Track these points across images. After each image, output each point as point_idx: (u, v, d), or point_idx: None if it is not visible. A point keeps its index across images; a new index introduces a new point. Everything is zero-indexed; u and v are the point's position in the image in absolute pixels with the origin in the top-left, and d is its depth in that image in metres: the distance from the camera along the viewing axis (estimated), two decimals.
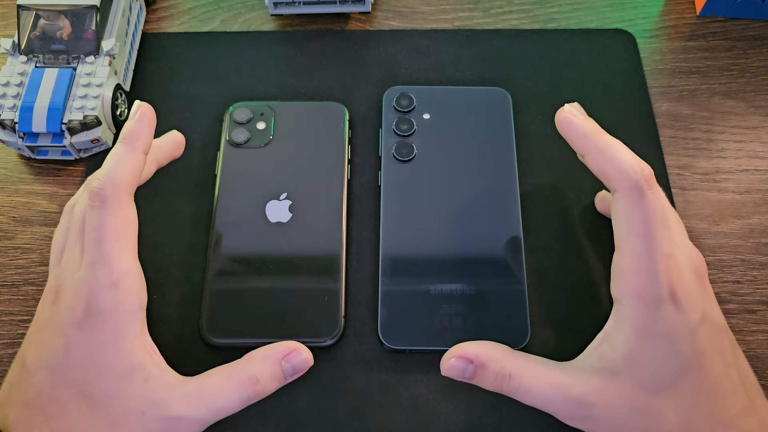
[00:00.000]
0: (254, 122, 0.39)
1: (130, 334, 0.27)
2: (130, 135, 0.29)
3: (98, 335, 0.27)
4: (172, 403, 0.27)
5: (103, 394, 0.26)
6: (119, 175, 0.28)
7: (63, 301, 0.27)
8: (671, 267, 0.27)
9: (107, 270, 0.27)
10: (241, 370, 0.29)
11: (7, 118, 0.36)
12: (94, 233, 0.27)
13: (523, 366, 0.28)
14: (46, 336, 0.27)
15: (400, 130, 0.38)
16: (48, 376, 0.27)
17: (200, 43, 0.44)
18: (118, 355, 0.27)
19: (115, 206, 0.28)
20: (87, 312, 0.27)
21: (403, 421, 0.32)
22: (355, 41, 0.44)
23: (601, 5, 0.45)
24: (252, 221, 0.36)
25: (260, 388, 0.28)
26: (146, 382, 0.27)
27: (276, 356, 0.29)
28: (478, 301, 0.33)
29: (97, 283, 0.27)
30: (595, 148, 0.29)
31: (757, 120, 0.41)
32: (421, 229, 0.35)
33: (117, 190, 0.28)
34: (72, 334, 0.27)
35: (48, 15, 0.38)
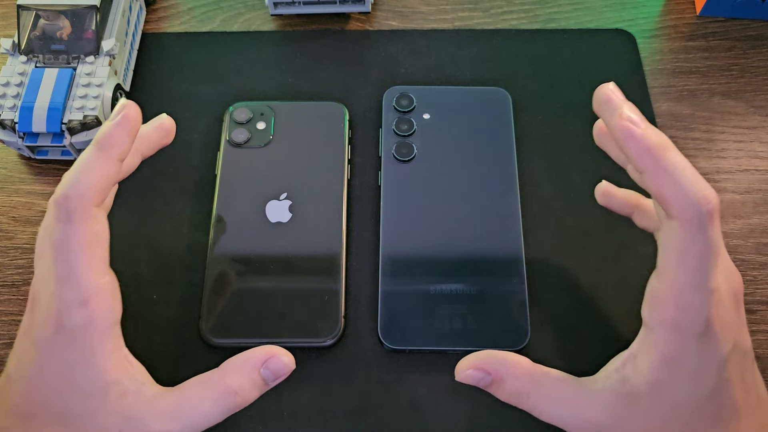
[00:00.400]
0: (254, 122, 0.39)
1: (103, 352, 0.26)
2: (106, 139, 0.26)
3: (69, 354, 0.26)
4: (149, 419, 0.26)
5: (78, 413, 0.26)
6: (86, 186, 0.26)
7: (37, 313, 0.26)
8: (713, 302, 0.25)
9: (75, 288, 0.25)
10: (219, 381, 0.27)
11: (7, 118, 0.36)
12: (59, 247, 0.25)
13: (543, 386, 0.27)
14: (23, 347, 0.26)
15: (400, 130, 0.38)
16: (25, 390, 0.26)
17: (200, 43, 0.44)
18: (90, 373, 0.26)
19: (81, 220, 0.26)
20: (57, 329, 0.25)
21: (403, 421, 0.32)
22: (355, 41, 0.44)
23: (601, 5, 0.45)
24: (252, 221, 0.36)
25: (240, 400, 0.27)
26: (122, 399, 0.26)
27: (254, 363, 0.28)
28: (478, 301, 0.33)
29: (66, 301, 0.25)
30: (659, 167, 0.24)
31: (757, 120, 0.41)
32: (421, 229, 0.35)
33: (83, 203, 0.26)
34: (44, 351, 0.26)
35: (48, 15, 0.38)
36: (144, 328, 0.34)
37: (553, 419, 0.27)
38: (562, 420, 0.27)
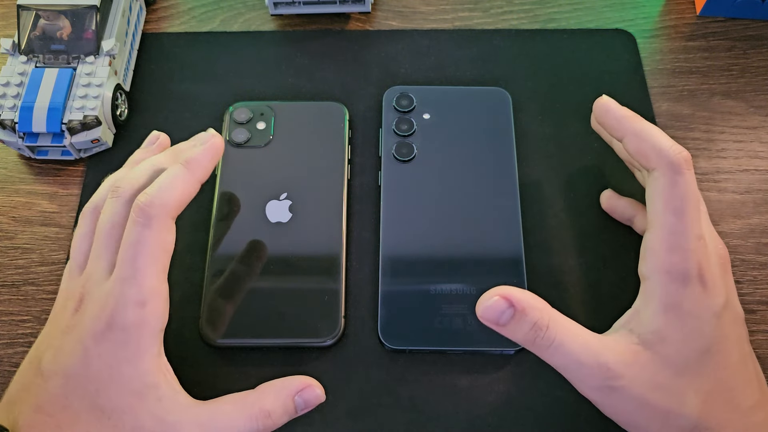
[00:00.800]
0: (254, 122, 0.39)
1: (149, 354, 0.27)
2: (195, 161, 0.29)
3: (118, 350, 0.27)
4: (183, 425, 0.27)
5: (116, 408, 0.26)
6: (171, 197, 0.28)
7: (87, 311, 0.27)
8: (701, 248, 0.27)
9: (137, 288, 0.27)
10: (255, 402, 0.28)
11: (7, 118, 0.36)
12: (131, 249, 0.27)
13: (561, 321, 0.27)
14: (66, 343, 0.27)
15: (400, 130, 0.38)
16: (63, 384, 0.26)
17: (200, 43, 0.44)
18: (135, 372, 0.27)
19: (159, 227, 0.27)
20: (109, 325, 0.26)
21: (403, 421, 0.32)
22: (355, 41, 0.44)
23: (601, 5, 0.45)
24: (252, 221, 0.36)
25: (271, 423, 0.28)
26: (159, 402, 0.27)
27: (290, 391, 0.29)
28: None
29: (125, 298, 0.27)
30: (633, 129, 0.30)
31: (757, 120, 0.41)
32: (421, 229, 0.35)
33: (164, 211, 0.28)
34: (92, 346, 0.27)
35: (48, 15, 0.38)
36: None
37: (566, 359, 0.27)
38: (577, 359, 0.27)
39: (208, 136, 0.30)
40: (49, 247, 0.37)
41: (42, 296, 0.35)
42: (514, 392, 0.32)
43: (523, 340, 0.27)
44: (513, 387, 0.32)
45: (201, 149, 0.30)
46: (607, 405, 0.27)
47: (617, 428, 0.28)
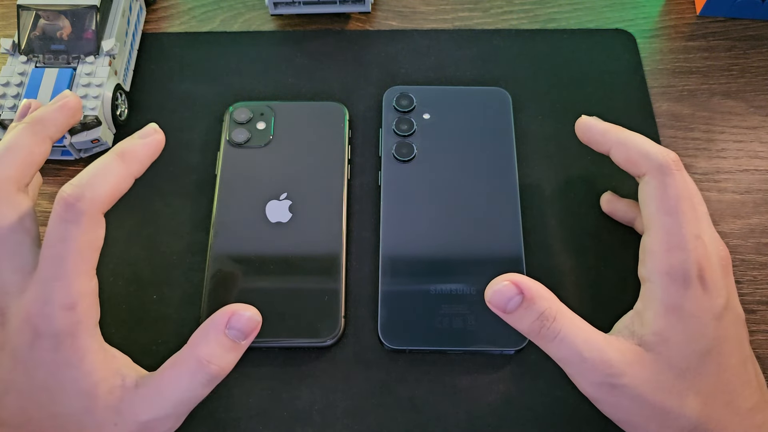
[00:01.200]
0: (254, 122, 0.39)
1: (91, 352, 0.26)
2: (132, 154, 0.27)
3: (56, 357, 0.25)
4: (137, 410, 0.26)
5: (73, 413, 0.26)
6: (100, 190, 0.26)
7: (11, 324, 0.26)
8: (700, 247, 0.27)
9: (65, 290, 0.25)
10: (189, 355, 0.27)
11: (7, 118, 0.36)
12: (57, 247, 0.25)
13: (568, 314, 0.27)
14: (5, 360, 0.26)
15: (400, 130, 0.38)
16: (16, 399, 0.26)
17: (200, 43, 0.44)
18: (80, 374, 0.26)
19: (89, 224, 0.25)
20: (41, 334, 0.25)
21: (403, 421, 0.32)
22: (355, 41, 0.44)
23: (601, 5, 0.45)
24: (252, 221, 0.36)
25: (215, 368, 0.27)
26: (111, 395, 0.26)
27: (217, 327, 0.27)
28: (478, 301, 0.33)
29: (50, 304, 0.25)
30: (618, 140, 0.31)
31: (757, 120, 0.41)
32: (421, 229, 0.35)
33: (95, 206, 0.25)
34: (29, 359, 0.25)
35: (48, 15, 0.38)
36: (145, 328, 0.34)
37: (570, 352, 0.27)
38: (580, 353, 0.26)
39: (150, 130, 0.28)
40: None
41: None
42: (514, 392, 0.32)
43: (527, 330, 0.27)
44: (513, 387, 0.32)
45: (141, 143, 0.27)
46: (606, 403, 0.27)
47: (616, 429, 0.28)
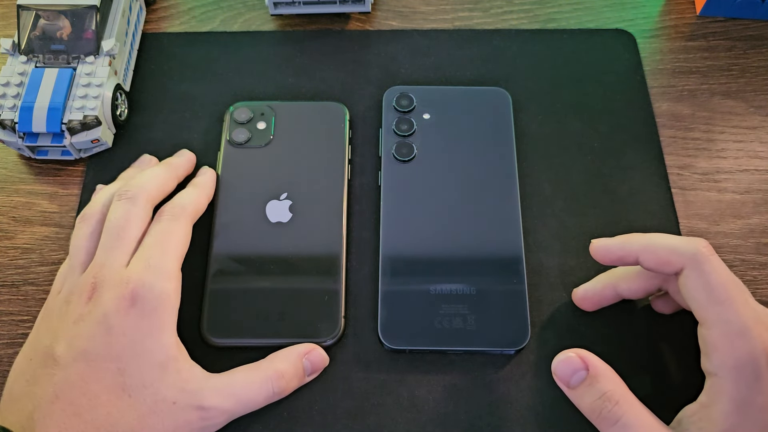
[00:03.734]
0: (254, 122, 0.39)
1: (170, 328, 0.29)
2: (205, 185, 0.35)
3: (142, 324, 0.28)
4: (203, 393, 0.28)
5: (137, 384, 0.27)
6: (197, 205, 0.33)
7: (106, 294, 0.29)
8: (763, 332, 0.26)
9: (161, 268, 0.29)
10: (267, 366, 0.30)
11: (7, 118, 0.36)
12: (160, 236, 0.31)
13: (632, 401, 0.27)
14: (83, 329, 0.28)
15: (400, 130, 0.38)
16: (83, 368, 0.27)
17: (200, 43, 0.44)
18: (157, 345, 0.28)
19: (186, 224, 0.32)
20: (134, 301, 0.28)
21: (403, 421, 0.32)
22: (355, 41, 0.44)
23: (601, 5, 0.45)
24: (252, 221, 0.36)
25: (284, 383, 0.30)
26: (179, 374, 0.28)
27: (298, 354, 0.31)
28: (478, 301, 0.33)
29: (150, 275, 0.29)
30: (642, 246, 0.29)
31: (757, 120, 0.41)
32: (421, 229, 0.35)
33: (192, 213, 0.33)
34: (115, 324, 0.28)
35: (48, 15, 0.38)
36: None
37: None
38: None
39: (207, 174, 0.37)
40: (49, 247, 0.37)
41: (42, 296, 0.35)
42: (514, 392, 0.32)
43: (588, 409, 0.27)
44: (513, 387, 0.32)
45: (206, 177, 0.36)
46: None
47: None
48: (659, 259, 0.29)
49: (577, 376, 0.28)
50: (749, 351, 0.26)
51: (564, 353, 0.28)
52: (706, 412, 0.27)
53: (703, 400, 0.27)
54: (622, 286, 0.32)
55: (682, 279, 0.28)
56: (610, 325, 0.34)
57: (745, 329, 0.26)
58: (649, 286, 0.32)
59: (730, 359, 0.26)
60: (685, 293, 0.28)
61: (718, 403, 0.26)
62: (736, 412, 0.26)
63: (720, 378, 0.26)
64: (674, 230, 0.37)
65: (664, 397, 0.28)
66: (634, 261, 0.30)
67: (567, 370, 0.28)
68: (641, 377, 0.27)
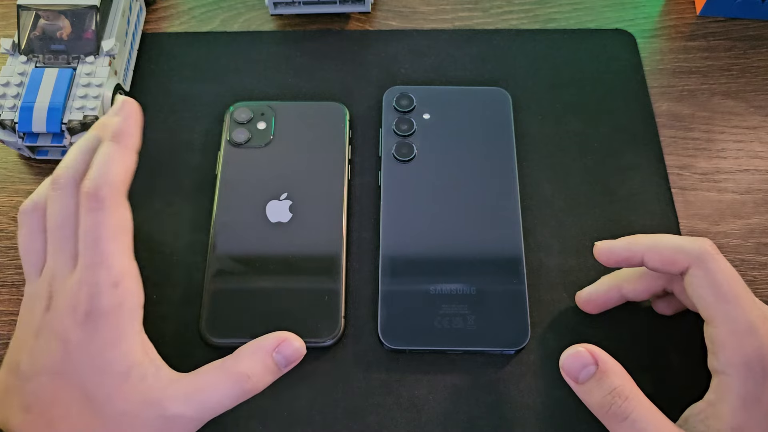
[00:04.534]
0: (255, 122, 0.39)
1: (130, 333, 0.27)
2: (121, 133, 0.29)
3: (99, 336, 0.27)
4: (166, 402, 0.27)
5: (104, 394, 0.26)
6: (115, 176, 0.28)
7: (60, 305, 0.27)
8: None
9: (107, 271, 0.27)
10: (232, 366, 0.28)
11: (7, 118, 0.36)
12: (91, 234, 0.27)
13: (641, 397, 0.26)
14: (42, 342, 0.27)
15: (400, 130, 0.38)
16: (48, 382, 0.26)
17: (200, 43, 0.44)
18: (117, 354, 0.27)
19: (112, 207, 0.27)
20: (88, 313, 0.26)
21: (403, 421, 0.32)
22: (355, 41, 0.44)
23: (601, 5, 0.45)
24: (252, 221, 0.36)
25: (252, 385, 0.28)
26: (142, 381, 0.27)
27: (266, 349, 0.29)
28: (478, 301, 0.33)
29: (98, 284, 0.27)
30: (647, 247, 0.29)
31: (757, 120, 0.41)
32: (421, 229, 0.35)
33: (113, 191, 0.28)
34: (72, 338, 0.26)
35: (48, 15, 0.38)
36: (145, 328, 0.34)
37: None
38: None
39: (119, 104, 0.30)
40: None
41: None
42: (514, 392, 0.32)
43: (597, 405, 0.27)
44: (513, 387, 0.32)
45: (121, 120, 0.29)
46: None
47: None
48: (665, 258, 0.29)
49: (586, 371, 0.27)
50: (757, 348, 0.26)
51: (573, 348, 0.27)
52: (713, 410, 0.27)
53: (711, 398, 0.27)
54: (627, 288, 0.32)
55: (688, 278, 0.28)
56: (610, 325, 0.34)
57: (753, 327, 0.26)
58: (654, 287, 0.32)
59: (738, 357, 0.26)
60: (692, 292, 0.28)
61: (726, 401, 0.26)
62: (744, 409, 0.26)
63: (728, 376, 0.26)
64: (674, 230, 0.37)
65: (664, 396, 0.28)
66: (639, 262, 0.30)
67: (576, 364, 0.27)
68: (641, 377, 0.28)
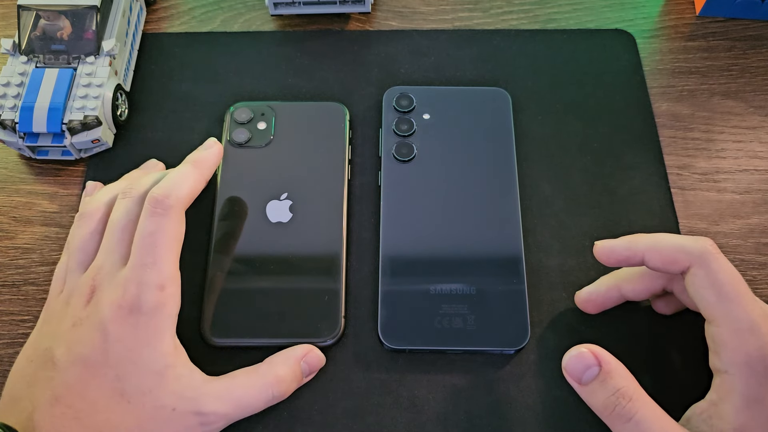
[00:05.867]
0: (255, 122, 0.39)
1: (167, 336, 0.29)
2: (201, 161, 0.32)
3: (139, 333, 0.28)
4: (202, 399, 0.28)
5: (135, 391, 0.27)
6: (183, 189, 0.30)
7: (103, 299, 0.28)
8: None
9: (157, 273, 0.28)
10: (267, 371, 0.30)
11: (8, 118, 0.37)
12: (149, 237, 0.29)
13: (645, 398, 0.27)
14: (81, 333, 0.28)
15: (400, 130, 0.38)
16: (81, 372, 0.27)
17: (200, 44, 0.44)
18: (154, 353, 0.28)
19: (175, 217, 0.30)
20: (131, 309, 0.28)
21: (403, 421, 0.32)
22: (355, 41, 0.44)
23: (601, 5, 0.45)
24: (252, 221, 0.36)
25: (284, 388, 0.30)
26: (178, 380, 0.28)
27: (296, 357, 0.31)
28: (478, 301, 0.33)
29: (146, 283, 0.28)
30: (648, 246, 0.29)
31: (756, 120, 0.41)
32: (421, 229, 0.35)
33: (179, 202, 0.30)
34: (112, 331, 0.28)
35: (48, 15, 0.38)
36: None
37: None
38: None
39: (211, 142, 0.34)
40: (50, 247, 0.37)
41: (42, 296, 0.35)
42: (514, 392, 0.32)
43: (601, 406, 0.27)
44: (513, 387, 0.32)
45: (206, 151, 0.33)
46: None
47: None
48: (665, 258, 0.29)
49: (589, 373, 0.27)
50: (759, 347, 0.26)
51: (576, 348, 0.27)
52: (716, 409, 0.27)
53: (713, 397, 0.27)
54: (626, 288, 0.32)
55: (689, 278, 0.28)
56: (610, 325, 0.34)
57: (755, 326, 0.26)
58: (654, 286, 0.32)
59: (740, 356, 0.26)
60: (693, 292, 0.28)
61: (729, 400, 0.26)
62: (747, 408, 0.26)
63: (730, 375, 0.26)
64: (674, 230, 0.37)
65: (664, 396, 0.28)
66: (639, 261, 0.30)
67: (579, 366, 0.27)
68: (641, 377, 0.28)
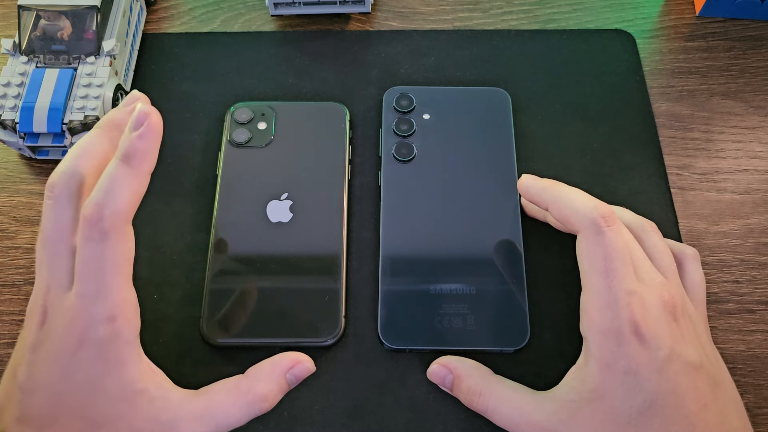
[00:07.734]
0: (255, 122, 0.39)
1: (130, 363, 0.26)
2: (135, 155, 0.25)
3: (96, 365, 0.25)
4: (179, 422, 0.26)
5: (107, 417, 0.26)
6: (121, 204, 0.25)
7: (53, 328, 0.26)
8: (633, 303, 0.27)
9: (104, 304, 0.25)
10: (249, 389, 0.28)
11: (8, 118, 0.37)
12: (90, 265, 0.25)
13: (495, 388, 0.30)
14: (39, 359, 0.26)
15: (400, 130, 0.38)
16: (47, 400, 0.26)
17: (201, 44, 0.44)
18: (119, 382, 0.26)
19: (116, 238, 0.25)
20: (81, 342, 0.25)
21: (403, 421, 0.32)
22: (355, 41, 0.44)
23: (601, 6, 0.45)
24: (253, 221, 0.36)
25: (267, 405, 0.28)
26: (151, 405, 0.26)
27: (281, 371, 0.29)
28: (478, 301, 0.33)
29: (93, 317, 0.25)
30: (553, 197, 0.31)
31: (756, 120, 0.41)
32: (421, 229, 0.35)
33: (118, 221, 0.25)
34: (68, 362, 0.25)
35: (48, 15, 0.39)
36: (145, 328, 0.34)
37: (503, 420, 0.29)
38: (510, 420, 0.29)
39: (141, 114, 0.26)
40: None
41: None
42: None
43: (465, 402, 0.30)
44: None
45: (137, 137, 0.25)
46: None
47: None
48: (561, 215, 0.30)
49: (447, 381, 0.31)
50: (612, 319, 0.27)
51: (431, 365, 0.31)
52: (579, 372, 0.28)
53: (580, 361, 0.29)
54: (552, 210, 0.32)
55: (577, 241, 0.30)
56: None
57: (614, 300, 0.27)
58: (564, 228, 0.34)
59: (595, 324, 0.28)
60: (577, 256, 0.30)
61: (588, 366, 0.28)
62: (600, 372, 0.27)
63: (588, 341, 0.28)
64: (674, 230, 0.37)
65: None
66: (544, 207, 0.32)
67: (437, 379, 0.31)
68: None
